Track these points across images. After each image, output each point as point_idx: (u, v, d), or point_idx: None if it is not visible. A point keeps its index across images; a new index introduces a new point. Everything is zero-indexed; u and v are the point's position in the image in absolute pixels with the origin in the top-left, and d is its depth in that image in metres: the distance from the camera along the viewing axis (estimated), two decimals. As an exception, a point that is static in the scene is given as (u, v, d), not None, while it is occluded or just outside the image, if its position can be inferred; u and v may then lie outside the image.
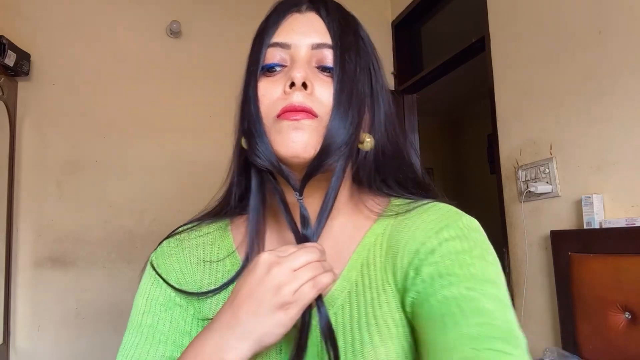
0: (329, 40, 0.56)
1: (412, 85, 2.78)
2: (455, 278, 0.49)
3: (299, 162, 0.53)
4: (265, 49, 0.56)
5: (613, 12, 1.49)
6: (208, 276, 0.62)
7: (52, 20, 2.28)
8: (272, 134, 0.53)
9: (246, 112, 0.56)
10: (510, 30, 1.94)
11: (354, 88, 0.55)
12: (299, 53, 0.56)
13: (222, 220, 0.67)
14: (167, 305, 0.60)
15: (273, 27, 0.57)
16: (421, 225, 0.55)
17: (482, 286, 0.48)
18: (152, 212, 2.31)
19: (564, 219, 1.67)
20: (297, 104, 0.52)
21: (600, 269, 1.43)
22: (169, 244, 0.65)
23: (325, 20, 0.57)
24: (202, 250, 0.64)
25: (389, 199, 0.62)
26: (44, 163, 2.21)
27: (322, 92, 0.54)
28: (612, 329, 1.37)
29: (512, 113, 1.93)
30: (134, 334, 0.59)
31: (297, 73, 0.53)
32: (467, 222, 0.55)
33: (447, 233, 0.53)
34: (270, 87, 0.55)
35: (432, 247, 0.52)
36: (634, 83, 1.43)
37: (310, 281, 0.48)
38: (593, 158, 1.56)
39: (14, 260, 2.12)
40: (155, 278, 0.62)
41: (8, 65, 2.00)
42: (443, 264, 0.51)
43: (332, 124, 0.53)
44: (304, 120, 0.52)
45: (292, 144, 0.52)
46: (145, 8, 2.44)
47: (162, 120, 2.39)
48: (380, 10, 2.93)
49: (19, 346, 2.09)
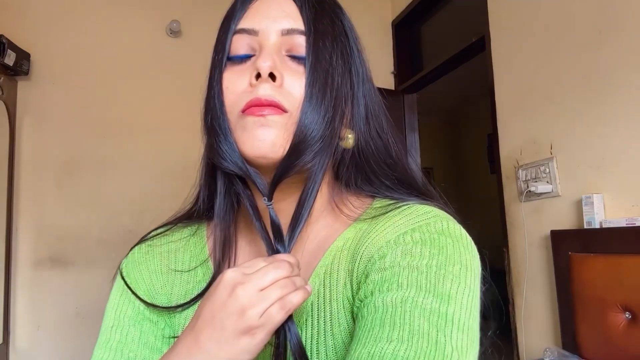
0: (301, 25, 0.49)
1: (412, 85, 2.78)
2: (396, 287, 0.43)
3: (267, 163, 0.47)
4: (230, 36, 0.50)
5: (613, 12, 1.49)
6: (178, 287, 0.57)
7: (52, 20, 2.28)
8: (237, 131, 0.48)
9: (209, 107, 0.50)
10: (510, 30, 1.94)
11: (328, 79, 0.48)
12: (268, 40, 0.49)
13: (197, 224, 0.61)
14: (136, 320, 0.56)
15: (240, 12, 0.51)
16: (388, 229, 0.48)
17: (425, 299, 0.42)
18: (152, 212, 2.31)
19: (564, 218, 1.67)
20: (263, 97, 0.46)
21: (600, 269, 1.42)
22: (140, 250, 0.60)
23: (298, 3, 0.50)
24: (174, 258, 0.59)
25: (372, 200, 0.55)
26: (44, 162, 2.21)
27: (292, 84, 0.48)
28: (612, 329, 1.37)
29: (512, 113, 1.93)
30: (103, 349, 0.55)
31: (264, 62, 0.47)
32: (441, 227, 0.47)
33: (410, 237, 0.47)
34: (235, 79, 0.49)
35: (385, 252, 0.46)
36: (634, 83, 1.43)
37: (279, 302, 0.42)
38: (593, 158, 1.56)
39: (13, 260, 2.12)
40: (124, 289, 0.57)
41: (8, 65, 2.00)
42: (390, 271, 0.44)
43: (303, 119, 0.46)
44: (271, 116, 0.46)
45: (258, 142, 0.46)
46: (145, 8, 2.44)
47: (162, 120, 2.39)
48: (380, 10, 2.93)
49: (19, 346, 2.08)
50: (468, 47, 2.27)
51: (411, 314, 0.41)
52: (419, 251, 0.45)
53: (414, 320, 0.40)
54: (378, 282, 0.45)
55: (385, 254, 0.46)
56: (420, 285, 0.43)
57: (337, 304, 0.49)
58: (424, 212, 0.49)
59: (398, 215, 0.50)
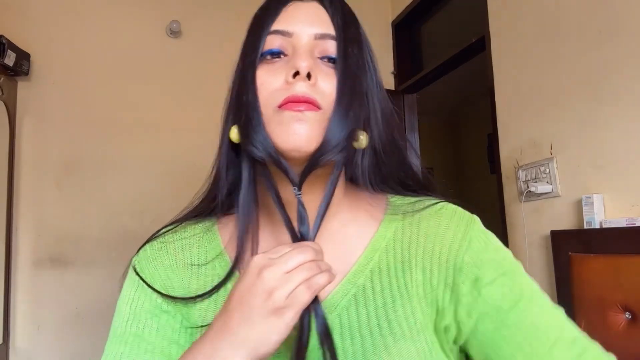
0: (333, 31, 0.54)
1: (412, 85, 2.78)
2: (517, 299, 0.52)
3: (300, 156, 0.50)
4: (265, 36, 0.54)
5: (613, 12, 1.49)
6: (196, 280, 0.58)
7: (52, 20, 2.28)
8: (272, 125, 0.50)
9: (243, 101, 0.52)
10: (511, 30, 1.94)
11: (356, 81, 0.53)
12: (301, 42, 0.53)
13: (208, 220, 0.63)
14: (154, 312, 0.56)
15: (273, 15, 0.55)
16: (444, 233, 0.55)
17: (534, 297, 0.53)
18: (152, 212, 2.31)
19: (564, 219, 1.67)
20: (300, 94, 0.50)
21: (600, 269, 1.42)
22: (152, 247, 0.61)
23: (329, 10, 0.55)
24: (189, 253, 0.60)
25: (386, 197, 0.61)
26: (44, 163, 2.21)
27: (325, 84, 0.52)
28: (612, 329, 1.37)
29: (512, 113, 1.93)
30: (118, 343, 0.55)
31: (303, 62, 0.50)
32: (479, 225, 0.57)
33: (477, 244, 0.54)
34: (269, 76, 0.52)
35: (472, 261, 0.53)
36: (634, 83, 1.43)
37: (305, 283, 0.44)
38: (593, 158, 1.56)
39: (13, 260, 2.12)
40: (140, 284, 0.58)
41: (8, 65, 2.00)
42: (500, 285, 0.52)
43: (334, 117, 0.50)
44: (308, 112, 0.50)
45: (295, 136, 0.49)
46: (145, 8, 2.44)
47: (162, 120, 2.39)
48: (380, 10, 2.92)
49: (19, 346, 2.08)
50: (468, 47, 2.27)
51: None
52: (496, 257, 0.55)
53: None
54: (498, 298, 0.52)
55: (473, 263, 0.53)
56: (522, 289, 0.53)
57: (392, 295, 0.53)
58: (461, 214, 0.57)
59: (440, 217, 0.57)
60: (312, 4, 0.55)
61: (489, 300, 0.51)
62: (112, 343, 0.55)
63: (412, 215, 0.57)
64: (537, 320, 0.51)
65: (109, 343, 0.56)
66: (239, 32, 0.59)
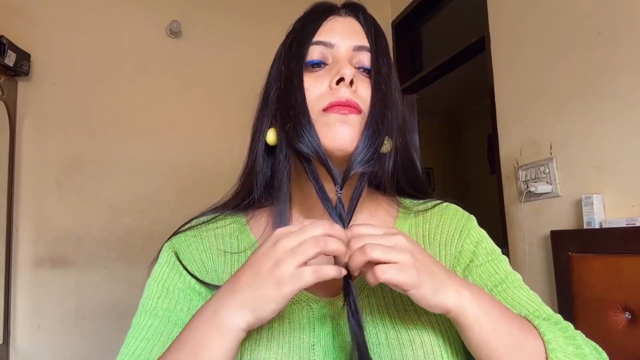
0: (367, 43, 0.61)
1: (412, 85, 2.78)
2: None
3: (342, 156, 0.55)
4: (309, 46, 0.59)
5: (613, 12, 1.49)
6: (230, 267, 0.61)
7: (52, 20, 2.28)
8: (318, 126, 0.55)
9: (291, 104, 0.57)
10: (510, 30, 1.94)
11: (387, 89, 0.59)
12: (341, 53, 0.59)
13: (237, 215, 0.67)
14: (186, 292, 0.59)
15: (314, 27, 0.61)
16: (449, 226, 0.65)
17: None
18: (152, 212, 2.31)
19: (564, 219, 1.67)
20: (345, 98, 0.56)
21: (600, 269, 1.43)
22: (186, 234, 0.64)
23: (364, 25, 0.62)
24: (222, 241, 0.64)
25: (396, 197, 0.68)
26: (44, 163, 2.21)
27: (363, 91, 0.58)
28: (612, 329, 1.37)
29: (512, 113, 1.93)
30: (147, 316, 0.57)
31: (348, 70, 0.56)
32: (476, 222, 0.67)
33: (474, 236, 0.64)
34: (313, 82, 0.58)
35: (468, 247, 0.63)
36: (634, 83, 1.43)
37: (315, 267, 0.46)
38: (593, 158, 1.56)
39: (13, 260, 2.12)
40: (175, 264, 0.61)
41: (8, 65, 2.00)
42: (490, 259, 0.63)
43: (371, 120, 0.56)
44: (351, 115, 0.56)
45: (340, 136, 0.55)
46: (145, 8, 2.44)
47: (162, 120, 2.39)
48: (380, 10, 2.92)
49: (19, 346, 2.08)
50: (468, 47, 2.27)
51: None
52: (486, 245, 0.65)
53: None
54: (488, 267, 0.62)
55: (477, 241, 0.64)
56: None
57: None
58: (462, 213, 0.67)
59: (444, 213, 0.66)
60: (350, 19, 0.62)
61: (477, 279, 0.60)
62: (140, 316, 0.58)
63: (423, 214, 0.66)
64: (518, 296, 0.60)
65: (137, 316, 0.58)
66: (239, 32, 0.60)
